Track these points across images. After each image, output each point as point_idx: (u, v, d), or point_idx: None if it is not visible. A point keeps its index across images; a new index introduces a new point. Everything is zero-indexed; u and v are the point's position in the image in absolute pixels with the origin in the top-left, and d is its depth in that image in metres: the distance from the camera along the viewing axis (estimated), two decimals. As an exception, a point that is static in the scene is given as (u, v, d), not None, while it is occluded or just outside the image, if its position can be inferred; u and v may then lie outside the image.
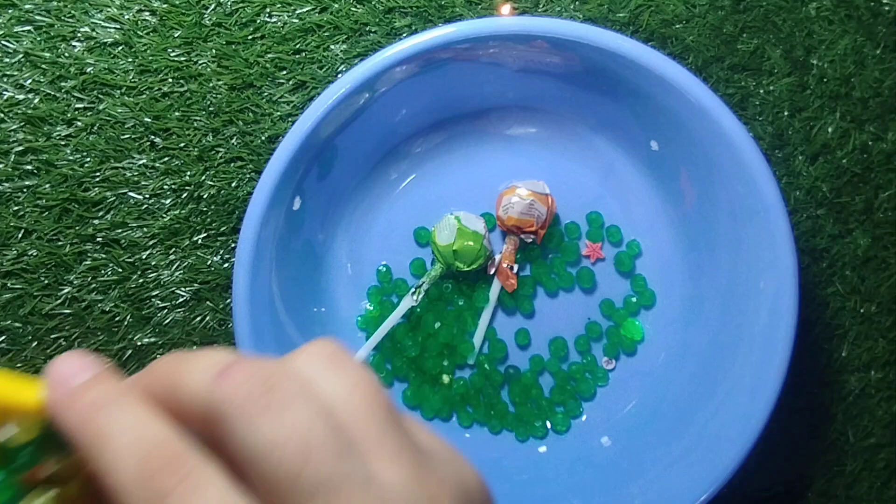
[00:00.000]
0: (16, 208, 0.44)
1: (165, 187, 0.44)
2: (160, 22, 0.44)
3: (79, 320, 0.44)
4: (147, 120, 0.44)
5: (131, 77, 0.44)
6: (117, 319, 0.44)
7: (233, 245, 0.44)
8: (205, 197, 0.44)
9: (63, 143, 0.44)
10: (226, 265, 0.44)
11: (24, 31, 0.44)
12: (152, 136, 0.44)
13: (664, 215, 0.44)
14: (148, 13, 0.45)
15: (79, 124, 0.44)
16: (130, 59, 0.44)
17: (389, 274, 0.44)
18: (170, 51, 0.44)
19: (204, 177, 0.44)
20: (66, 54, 0.44)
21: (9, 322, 0.43)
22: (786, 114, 0.46)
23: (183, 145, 0.44)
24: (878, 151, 0.46)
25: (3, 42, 0.44)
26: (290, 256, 0.42)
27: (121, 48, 0.44)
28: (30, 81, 0.44)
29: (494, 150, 0.45)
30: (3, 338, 0.43)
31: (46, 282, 0.44)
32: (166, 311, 0.44)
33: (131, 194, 0.44)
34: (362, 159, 0.44)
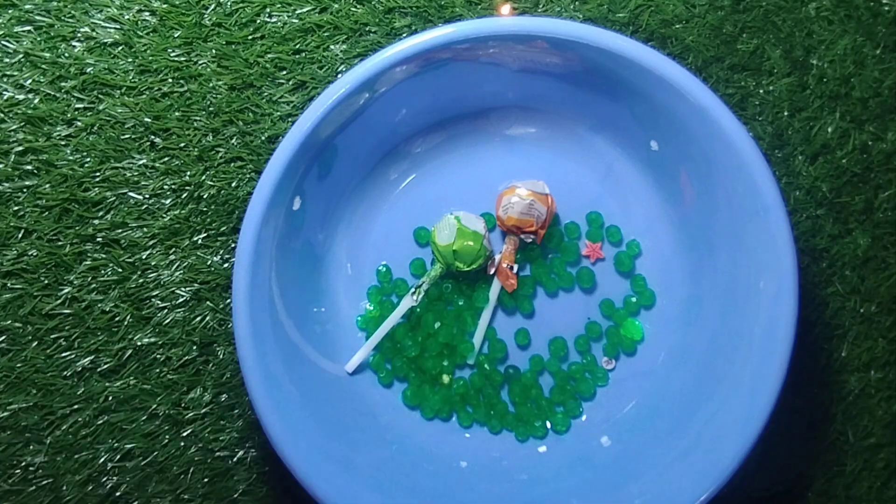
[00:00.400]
0: (16, 208, 0.44)
1: (165, 187, 0.44)
2: (160, 22, 0.44)
3: (79, 320, 0.44)
4: (147, 120, 0.44)
5: (131, 77, 0.44)
6: (117, 319, 0.44)
7: (233, 245, 0.44)
8: (205, 197, 0.44)
9: (63, 143, 0.44)
10: (226, 265, 0.44)
11: (24, 31, 0.44)
12: (152, 136, 0.44)
13: (664, 215, 0.44)
14: (148, 13, 0.45)
15: (79, 124, 0.44)
16: (130, 59, 0.44)
17: (389, 274, 0.44)
18: (170, 51, 0.44)
19: (204, 177, 0.44)
20: (66, 54, 0.44)
21: (9, 322, 0.43)
22: (785, 114, 0.46)
23: (183, 145, 0.44)
24: (878, 151, 0.46)
25: (3, 42, 0.44)
26: (290, 256, 0.42)
27: (121, 48, 0.44)
28: (30, 81, 0.44)
29: (494, 150, 0.45)
30: (3, 338, 0.43)
31: (46, 282, 0.44)
32: (166, 311, 0.44)
33: (131, 194, 0.44)
34: (362, 159, 0.44)
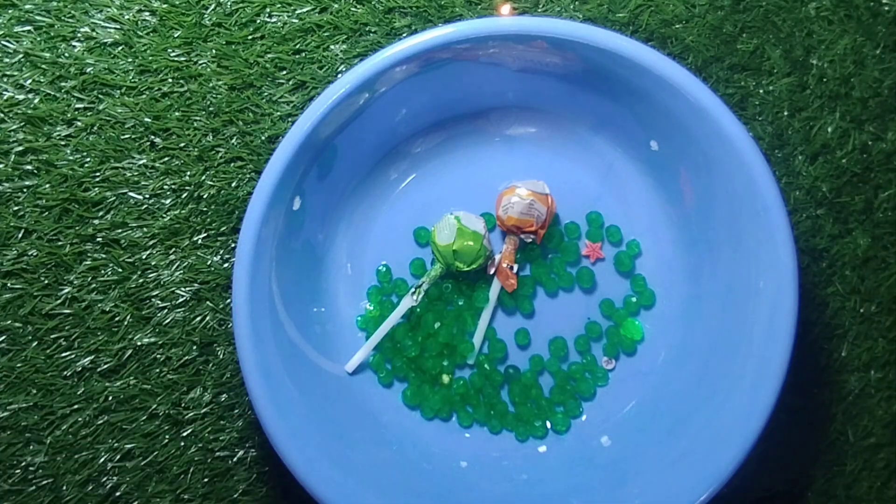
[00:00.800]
0: (16, 208, 0.44)
1: (165, 187, 0.44)
2: (160, 22, 0.44)
3: (79, 320, 0.44)
4: (147, 120, 0.44)
5: (131, 77, 0.44)
6: (117, 319, 0.44)
7: (233, 245, 0.44)
8: (205, 197, 0.44)
9: (63, 143, 0.44)
10: (226, 265, 0.44)
11: (24, 31, 0.44)
12: (152, 136, 0.44)
13: (664, 215, 0.44)
14: (148, 13, 0.45)
15: (79, 124, 0.44)
16: (130, 59, 0.44)
17: (389, 274, 0.44)
18: (170, 51, 0.44)
19: (204, 177, 0.44)
20: (66, 54, 0.44)
21: (9, 322, 0.43)
22: (785, 114, 0.46)
23: (183, 145, 0.44)
24: (878, 151, 0.46)
25: (3, 42, 0.44)
26: (290, 256, 0.42)
27: (121, 48, 0.44)
28: (30, 81, 0.44)
29: (494, 150, 0.45)
30: (3, 338, 0.43)
31: (46, 282, 0.44)
32: (166, 311, 0.44)
33: (131, 194, 0.44)
34: (362, 159, 0.44)
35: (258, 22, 0.45)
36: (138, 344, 0.44)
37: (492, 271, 0.44)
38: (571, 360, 0.44)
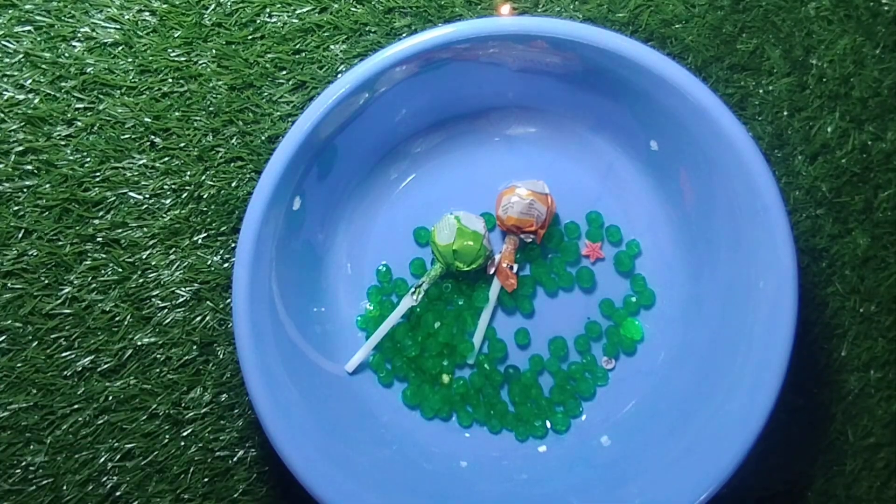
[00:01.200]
0: (16, 208, 0.44)
1: (165, 187, 0.44)
2: (160, 22, 0.44)
3: (79, 320, 0.44)
4: (147, 120, 0.44)
5: (131, 77, 0.44)
6: (117, 319, 0.44)
7: (233, 245, 0.44)
8: (205, 197, 0.44)
9: (63, 143, 0.44)
10: (226, 265, 0.44)
11: (24, 31, 0.44)
12: (152, 136, 0.44)
13: (664, 215, 0.44)
14: (148, 13, 0.45)
15: (79, 124, 0.44)
16: (130, 59, 0.44)
17: (389, 274, 0.44)
18: (170, 51, 0.44)
19: (204, 177, 0.44)
20: (66, 54, 0.44)
21: (9, 322, 0.43)
22: (785, 113, 0.46)
23: (183, 145, 0.44)
24: (878, 151, 0.46)
25: (3, 42, 0.44)
26: (290, 256, 0.42)
27: (121, 48, 0.44)
28: (30, 81, 0.44)
29: (494, 150, 0.45)
30: (3, 338, 0.43)
31: (46, 282, 0.44)
32: (166, 311, 0.44)
33: (131, 194, 0.44)
34: (362, 159, 0.44)
35: (258, 22, 0.45)
36: (138, 344, 0.44)
37: (492, 271, 0.44)
38: (571, 360, 0.44)
